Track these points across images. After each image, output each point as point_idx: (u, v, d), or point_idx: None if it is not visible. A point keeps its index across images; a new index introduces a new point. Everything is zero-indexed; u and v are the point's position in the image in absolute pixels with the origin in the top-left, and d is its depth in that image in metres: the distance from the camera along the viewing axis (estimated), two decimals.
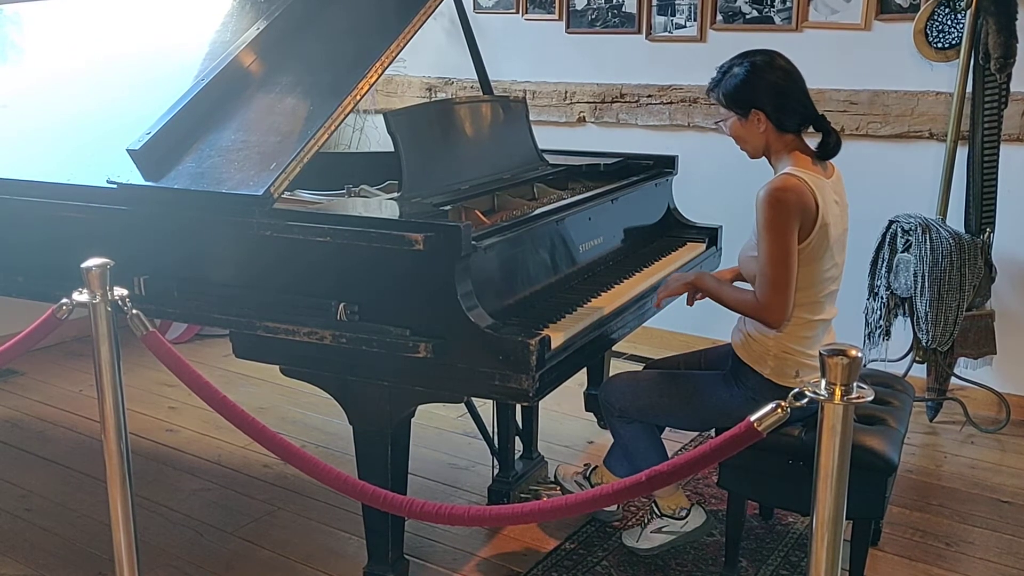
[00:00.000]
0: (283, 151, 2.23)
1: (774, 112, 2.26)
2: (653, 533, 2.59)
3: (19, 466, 3.26)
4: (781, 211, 2.17)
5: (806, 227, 2.20)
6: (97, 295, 1.90)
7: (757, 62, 2.28)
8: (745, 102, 2.27)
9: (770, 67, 2.27)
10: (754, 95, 2.26)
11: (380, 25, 2.54)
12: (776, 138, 2.29)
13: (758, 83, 2.26)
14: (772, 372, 2.33)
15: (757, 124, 2.28)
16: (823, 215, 2.20)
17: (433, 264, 2.03)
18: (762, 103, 2.26)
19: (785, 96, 2.26)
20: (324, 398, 2.32)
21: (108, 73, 2.95)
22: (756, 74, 2.26)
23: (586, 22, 4.44)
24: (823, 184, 2.25)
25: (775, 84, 2.26)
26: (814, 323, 2.33)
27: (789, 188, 2.18)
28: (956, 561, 2.65)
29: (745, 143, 2.34)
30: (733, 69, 2.30)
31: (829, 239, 2.24)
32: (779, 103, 2.26)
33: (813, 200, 2.19)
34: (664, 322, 3.49)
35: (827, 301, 2.35)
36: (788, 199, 2.17)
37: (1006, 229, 3.54)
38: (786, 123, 2.27)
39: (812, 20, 3.87)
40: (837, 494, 1.45)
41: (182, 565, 2.62)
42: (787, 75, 2.28)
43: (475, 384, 2.06)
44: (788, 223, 2.18)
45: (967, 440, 3.50)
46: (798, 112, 2.28)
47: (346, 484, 1.88)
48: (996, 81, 3.37)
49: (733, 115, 2.31)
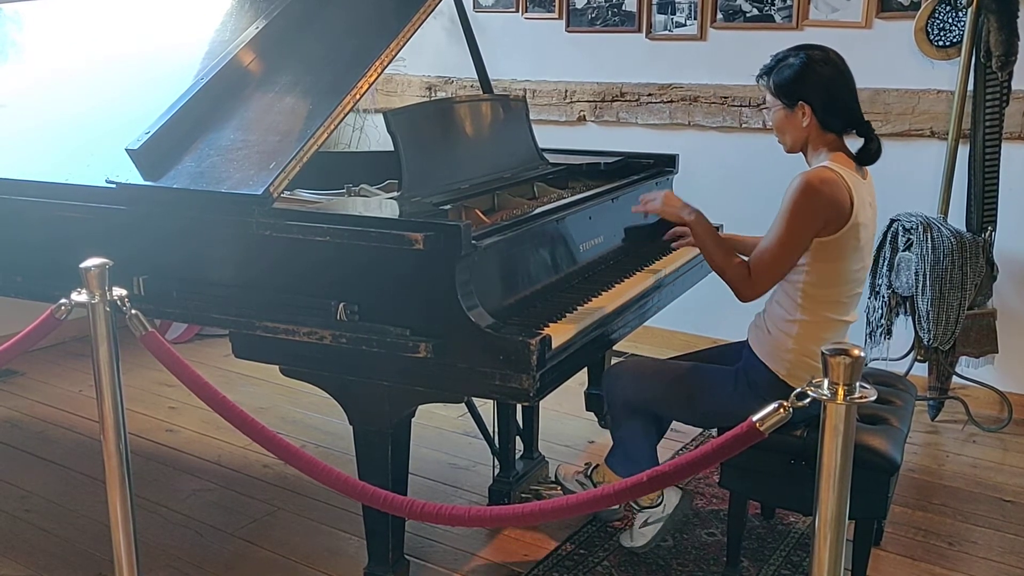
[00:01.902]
0: (283, 150, 2.22)
1: (821, 108, 2.24)
2: (642, 528, 2.59)
3: (19, 466, 3.26)
4: (810, 201, 2.17)
5: (837, 222, 2.19)
6: (96, 295, 1.90)
7: (814, 55, 2.26)
8: (794, 94, 2.26)
9: (825, 63, 2.25)
10: (804, 88, 2.24)
11: (380, 24, 2.53)
12: (818, 135, 2.27)
13: (810, 76, 2.24)
14: (788, 374, 2.29)
15: (802, 118, 2.26)
16: (857, 213, 2.19)
17: (433, 264, 2.03)
18: (810, 97, 2.24)
19: (834, 94, 2.25)
20: (324, 398, 2.32)
21: (107, 72, 2.95)
22: (810, 67, 2.24)
23: (586, 21, 4.43)
24: (860, 183, 2.24)
25: (827, 80, 2.25)
26: (837, 324, 2.31)
27: (826, 180, 2.18)
28: (958, 560, 2.65)
29: (785, 135, 2.33)
30: (788, 59, 2.28)
31: (860, 239, 2.23)
32: (827, 100, 2.24)
33: (848, 197, 2.18)
34: (665, 321, 3.48)
35: (852, 303, 2.34)
36: (822, 191, 2.17)
37: (1007, 227, 3.53)
38: (830, 121, 2.26)
39: (813, 18, 3.86)
40: (840, 494, 1.45)
41: (182, 565, 2.62)
42: (840, 74, 2.27)
43: (475, 384, 2.05)
44: (811, 214, 2.18)
45: (969, 439, 3.50)
46: (844, 112, 2.27)
47: (346, 484, 1.88)
48: (997, 79, 3.37)
49: (779, 104, 2.29)
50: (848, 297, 2.31)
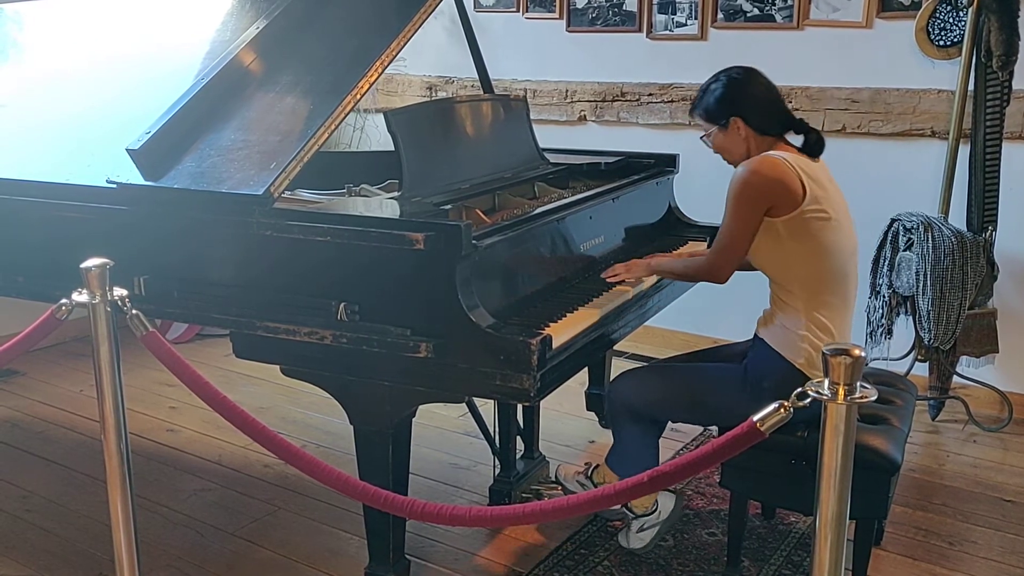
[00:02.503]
0: (283, 150, 2.22)
1: (753, 116, 2.36)
2: (638, 533, 2.60)
3: (19, 466, 3.26)
4: (751, 185, 2.26)
5: (789, 198, 2.25)
6: (97, 295, 1.90)
7: (732, 74, 2.41)
8: (724, 112, 2.38)
9: (745, 77, 2.40)
10: (732, 105, 2.37)
11: (380, 24, 2.53)
12: (758, 142, 2.37)
13: (734, 93, 2.37)
14: (806, 363, 2.30)
15: (737, 131, 2.37)
16: (811, 187, 2.26)
17: (434, 263, 2.03)
18: (740, 110, 2.36)
19: (760, 101, 2.38)
20: (325, 398, 2.32)
21: (108, 72, 2.94)
22: (731, 85, 2.38)
23: (587, 20, 4.43)
24: (807, 163, 2.31)
25: (750, 91, 2.38)
26: (838, 303, 2.32)
27: (765, 163, 2.27)
28: (959, 560, 2.65)
29: (729, 153, 2.43)
30: (711, 86, 2.42)
31: (829, 210, 2.28)
32: (756, 108, 2.36)
33: (795, 173, 2.25)
34: (666, 321, 3.48)
35: (849, 277, 2.35)
36: (762, 171, 2.25)
37: (1008, 227, 3.53)
38: (766, 126, 2.37)
39: (813, 18, 3.86)
40: (840, 494, 1.45)
41: (183, 565, 2.62)
42: (760, 83, 2.40)
43: (476, 384, 2.05)
44: (754, 197, 2.26)
45: (969, 439, 3.50)
46: (775, 115, 2.39)
47: (347, 484, 1.88)
48: (998, 79, 3.36)
49: (715, 127, 2.41)
50: (840, 269, 2.32)
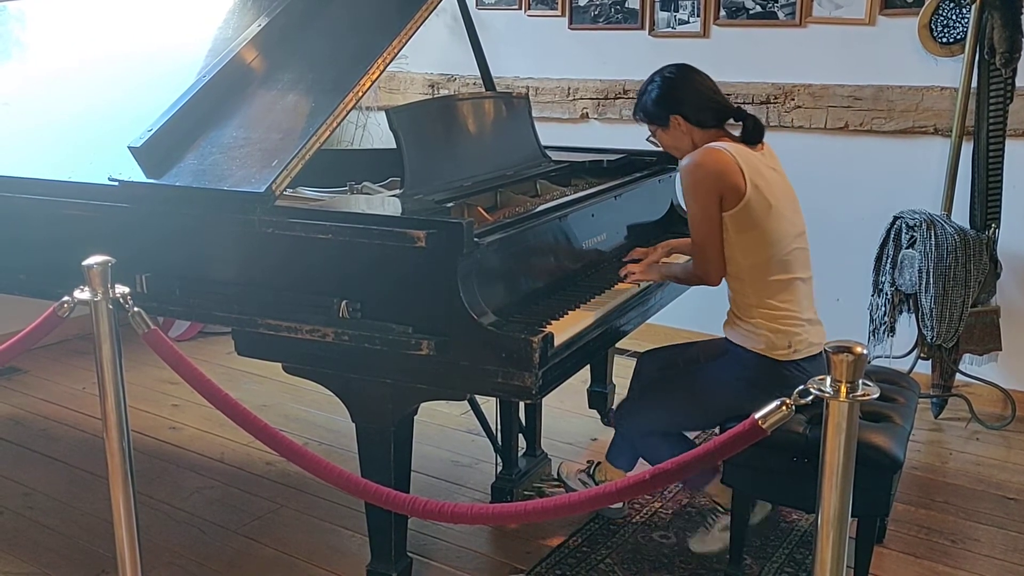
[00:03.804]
0: (285, 148, 2.22)
1: (691, 112, 2.42)
2: (722, 531, 2.59)
3: (22, 464, 3.26)
4: (698, 179, 2.31)
5: (734, 190, 2.30)
6: (99, 293, 1.90)
7: (665, 74, 2.47)
8: (663, 112, 2.45)
9: (679, 74, 2.46)
10: (670, 103, 2.44)
11: (382, 22, 2.53)
12: (701, 135, 2.43)
13: (670, 91, 2.44)
14: (766, 347, 2.36)
15: (679, 127, 2.44)
16: (751, 177, 2.30)
17: (435, 261, 2.02)
18: (678, 108, 2.43)
19: (696, 96, 2.43)
20: (327, 396, 2.32)
21: (109, 70, 2.94)
22: (666, 84, 2.45)
23: (589, 18, 4.42)
24: (748, 153, 2.36)
25: (685, 87, 2.44)
26: (787, 283, 2.37)
27: (706, 155, 2.32)
28: (961, 558, 2.64)
29: (675, 149, 2.49)
30: (647, 88, 2.49)
31: (769, 199, 2.32)
32: (692, 103, 2.42)
33: (735, 164, 2.30)
34: (667, 319, 3.47)
35: (795, 259, 2.38)
36: (705, 164, 2.30)
37: (1011, 225, 3.52)
38: (704, 119, 2.43)
39: (816, 15, 3.85)
40: (842, 492, 1.45)
41: (184, 563, 2.62)
42: (694, 78, 2.47)
43: (478, 382, 2.05)
44: (704, 189, 2.31)
45: (972, 437, 3.49)
46: (712, 107, 2.44)
47: (349, 482, 1.88)
48: (1001, 76, 3.35)
49: (657, 127, 2.49)
50: (786, 255, 2.36)
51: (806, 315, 2.39)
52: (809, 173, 3.94)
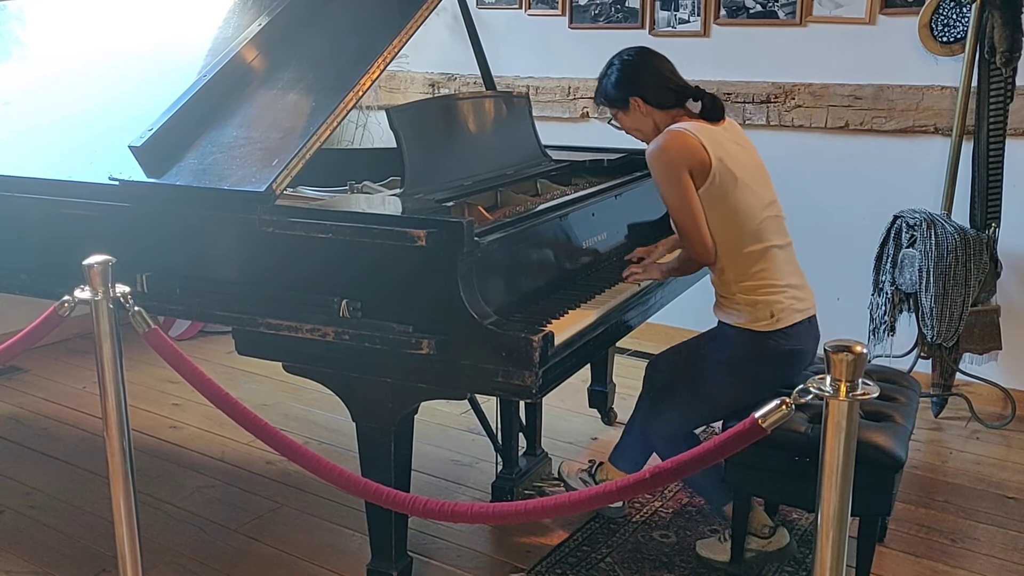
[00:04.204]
0: (285, 147, 2.22)
1: (650, 93, 2.43)
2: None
3: (23, 463, 3.26)
4: (666, 163, 2.32)
5: (701, 169, 2.31)
6: (99, 292, 1.90)
7: (623, 56, 2.48)
8: (622, 95, 2.45)
9: (634, 57, 2.47)
10: (628, 86, 2.44)
11: (382, 21, 2.53)
12: (662, 116, 2.44)
13: (627, 74, 2.45)
14: (748, 320, 2.37)
15: (638, 109, 2.44)
16: (714, 153, 2.31)
17: (436, 260, 2.03)
18: (636, 90, 2.43)
19: (653, 77, 2.44)
20: (327, 395, 2.32)
21: (110, 69, 2.95)
22: (624, 67, 2.46)
23: (589, 17, 4.42)
24: (711, 130, 2.37)
25: (641, 70, 2.45)
26: (761, 252, 2.36)
27: (669, 138, 2.34)
28: (961, 557, 2.64)
29: (637, 131, 2.50)
30: (607, 71, 2.49)
31: (735, 172, 2.33)
32: (649, 85, 2.43)
33: (697, 143, 2.31)
34: (668, 318, 3.47)
35: (766, 228, 2.38)
36: (670, 147, 2.32)
37: (1011, 224, 3.52)
38: (663, 100, 2.44)
39: (816, 14, 3.85)
40: (842, 491, 1.45)
41: (185, 562, 2.62)
42: (650, 59, 2.47)
43: (478, 381, 2.05)
44: (674, 171, 2.31)
45: (972, 436, 3.49)
46: (671, 88, 2.44)
47: (349, 481, 1.88)
48: (1002, 75, 3.35)
49: (618, 109, 2.49)
50: (759, 226, 2.36)
51: (785, 280, 2.38)
52: (809, 172, 3.94)
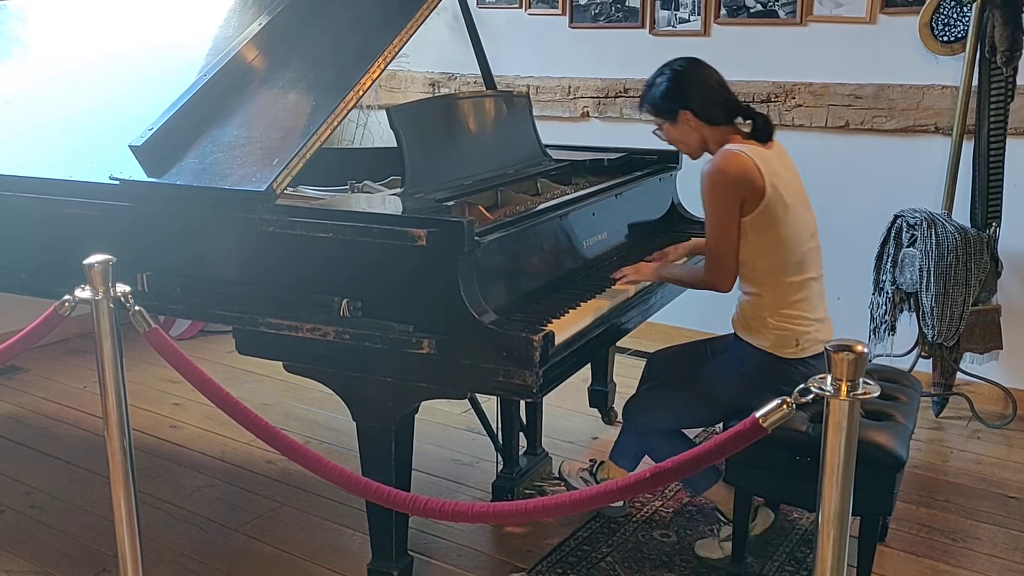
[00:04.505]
0: (286, 147, 2.22)
1: (700, 107, 2.37)
2: (724, 541, 2.57)
3: (23, 462, 3.26)
4: (720, 185, 2.28)
5: (755, 195, 2.28)
6: (100, 292, 1.90)
7: (675, 67, 2.42)
8: (672, 106, 2.40)
9: (689, 69, 2.42)
10: (679, 97, 2.39)
11: (383, 20, 2.53)
12: (710, 132, 2.39)
13: (679, 85, 2.39)
14: (772, 345, 2.36)
15: (687, 122, 2.39)
16: (769, 179, 2.28)
17: (436, 260, 2.02)
18: (687, 102, 2.38)
19: (705, 91, 2.39)
20: (328, 394, 2.32)
21: (110, 69, 2.95)
22: (676, 78, 2.40)
23: (589, 17, 4.42)
24: (764, 153, 2.34)
25: (695, 82, 2.40)
26: (801, 283, 2.36)
27: (729, 160, 2.29)
28: (963, 557, 2.64)
29: (683, 144, 2.46)
30: (656, 80, 2.44)
31: (785, 200, 2.31)
32: (703, 98, 2.38)
33: (755, 168, 2.27)
34: (669, 317, 3.48)
35: (809, 260, 2.38)
36: (728, 170, 2.27)
37: (1012, 223, 3.52)
38: (714, 115, 2.38)
39: (816, 14, 3.85)
40: (843, 490, 1.45)
41: (186, 561, 2.62)
42: (704, 72, 2.42)
43: (479, 380, 2.05)
44: (727, 196, 2.28)
45: (973, 435, 3.49)
46: (722, 103, 2.40)
47: (350, 481, 1.88)
48: (1002, 74, 3.35)
49: (665, 120, 2.44)
50: (801, 256, 2.36)
51: (816, 314, 2.38)
52: (810, 172, 3.91)
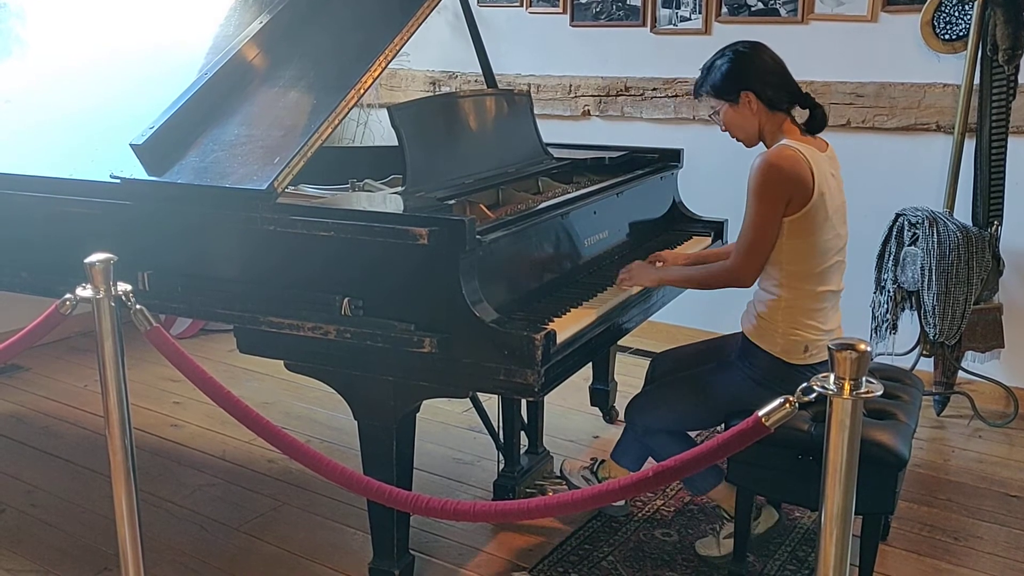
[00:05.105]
0: (287, 145, 2.22)
1: (763, 90, 2.32)
2: (726, 539, 2.57)
3: (24, 461, 3.26)
4: (772, 180, 2.23)
5: (802, 197, 2.24)
6: (101, 290, 1.90)
7: (739, 49, 2.37)
8: (734, 87, 2.34)
9: (752, 51, 2.36)
10: (742, 79, 2.33)
11: (384, 19, 2.53)
12: (768, 118, 2.35)
13: (743, 67, 2.34)
14: (782, 351, 2.34)
15: (749, 105, 2.33)
16: (819, 184, 2.25)
17: (437, 258, 2.02)
18: (750, 84, 2.32)
19: (770, 75, 2.34)
20: (329, 393, 2.32)
21: (111, 68, 2.94)
22: (740, 59, 2.35)
23: (590, 15, 4.42)
24: (819, 156, 2.30)
25: (759, 64, 2.35)
26: (821, 295, 2.34)
27: (785, 157, 2.24)
28: (964, 556, 2.64)
29: (739, 129, 2.40)
30: (717, 62, 2.38)
31: (828, 209, 2.28)
32: (766, 81, 2.33)
33: (808, 170, 2.24)
34: (670, 316, 3.48)
35: (832, 272, 2.36)
36: (783, 167, 2.23)
37: (1014, 222, 3.52)
38: (776, 101, 2.34)
39: (818, 12, 3.85)
40: (846, 489, 1.44)
41: (187, 560, 2.62)
42: (768, 56, 2.37)
43: (480, 379, 2.05)
44: (776, 193, 2.24)
45: (975, 434, 3.49)
46: (784, 89, 2.35)
47: (351, 480, 1.88)
48: (1004, 73, 3.35)
49: (725, 104, 2.37)
50: (828, 268, 2.34)
51: (828, 326, 2.36)
52: None
